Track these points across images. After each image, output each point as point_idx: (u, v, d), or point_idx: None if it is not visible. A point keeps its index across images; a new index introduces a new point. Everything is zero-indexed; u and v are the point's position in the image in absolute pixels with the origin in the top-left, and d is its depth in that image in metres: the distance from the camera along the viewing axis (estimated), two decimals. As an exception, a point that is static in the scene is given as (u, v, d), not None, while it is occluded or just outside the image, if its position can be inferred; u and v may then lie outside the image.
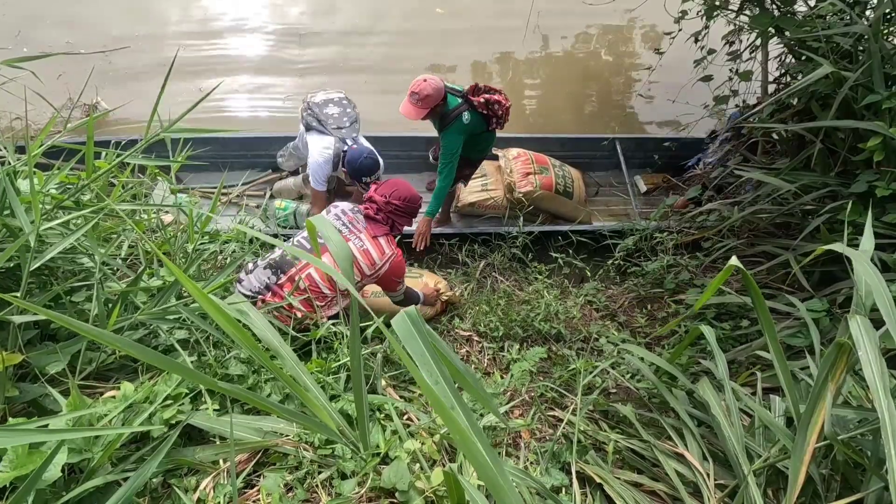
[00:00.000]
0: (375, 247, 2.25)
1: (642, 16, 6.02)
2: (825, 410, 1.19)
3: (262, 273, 2.16)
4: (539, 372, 2.52)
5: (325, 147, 2.99)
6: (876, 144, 2.09)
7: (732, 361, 2.36)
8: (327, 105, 3.06)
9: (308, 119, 3.07)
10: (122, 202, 1.38)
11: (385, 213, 2.31)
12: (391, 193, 2.30)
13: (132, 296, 1.37)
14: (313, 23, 5.76)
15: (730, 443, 1.41)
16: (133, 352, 0.82)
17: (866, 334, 1.14)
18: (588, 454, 1.85)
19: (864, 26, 2.30)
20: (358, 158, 2.92)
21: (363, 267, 2.23)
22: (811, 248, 2.37)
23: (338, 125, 3.04)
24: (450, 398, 0.78)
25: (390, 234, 2.34)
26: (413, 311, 0.88)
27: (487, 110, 3.03)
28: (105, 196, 1.36)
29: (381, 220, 2.30)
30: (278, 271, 2.15)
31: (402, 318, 0.85)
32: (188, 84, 4.90)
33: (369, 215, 2.30)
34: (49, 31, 5.15)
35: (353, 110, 3.15)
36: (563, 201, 3.76)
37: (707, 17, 3.13)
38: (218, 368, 1.42)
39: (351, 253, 2.06)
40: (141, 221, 1.46)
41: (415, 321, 0.83)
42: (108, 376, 1.38)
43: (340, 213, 2.30)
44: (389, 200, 2.29)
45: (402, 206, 2.32)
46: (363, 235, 2.24)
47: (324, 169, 3.02)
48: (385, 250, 2.27)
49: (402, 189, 2.34)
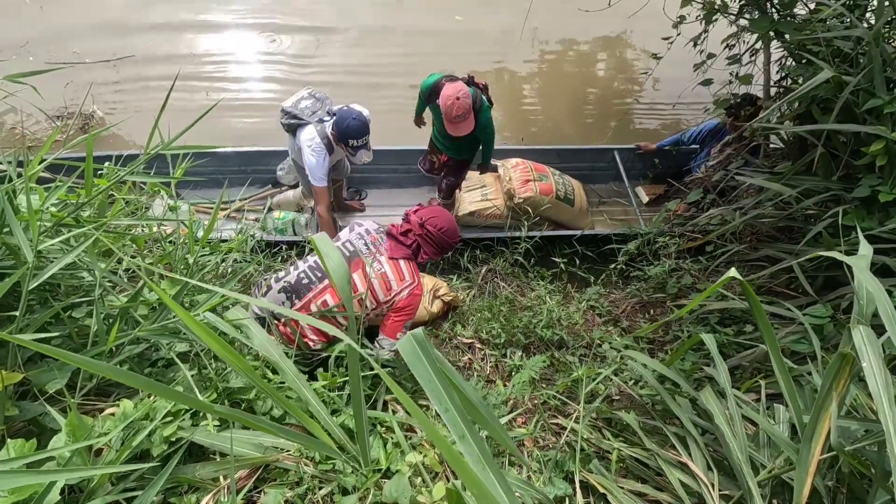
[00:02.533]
0: (395, 270, 2.04)
1: (640, 24, 6.04)
2: (829, 421, 1.18)
3: (277, 297, 2.01)
4: (542, 379, 2.51)
5: (310, 139, 2.92)
6: (879, 149, 2.08)
7: (737, 367, 2.34)
8: (299, 102, 3.03)
9: (287, 123, 3.03)
10: (121, 217, 1.38)
11: (415, 235, 2.10)
12: (430, 218, 2.11)
13: (132, 310, 1.37)
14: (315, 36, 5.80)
15: (734, 453, 1.40)
16: (120, 378, 0.82)
17: (869, 345, 1.13)
18: (591, 463, 1.84)
19: (864, 30, 2.29)
20: (345, 119, 2.79)
21: (378, 293, 2.01)
22: (814, 253, 2.35)
23: (313, 111, 2.99)
24: (460, 426, 0.76)
25: (412, 259, 2.12)
26: (420, 334, 0.85)
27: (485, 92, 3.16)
28: (105, 211, 1.36)
29: (407, 242, 2.10)
30: (293, 296, 1.99)
31: (409, 340, 0.82)
32: (192, 95, 4.94)
33: (392, 234, 2.10)
34: (56, 42, 5.17)
35: (324, 96, 3.10)
36: (564, 208, 3.75)
37: (706, 22, 3.12)
38: (219, 382, 1.42)
39: (352, 276, 1.94)
40: (139, 237, 1.46)
41: (422, 344, 0.80)
42: (109, 391, 1.38)
43: (364, 233, 2.12)
44: (425, 224, 2.09)
45: (436, 234, 2.11)
46: (383, 258, 2.04)
47: (320, 161, 2.93)
48: (405, 276, 2.04)
49: (443, 219, 2.14)
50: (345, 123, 2.80)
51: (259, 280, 2.18)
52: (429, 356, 0.78)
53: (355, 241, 2.08)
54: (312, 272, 2.02)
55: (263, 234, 3.37)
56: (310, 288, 1.98)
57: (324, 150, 2.92)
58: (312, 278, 2.00)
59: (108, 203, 1.30)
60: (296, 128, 3.01)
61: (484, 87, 3.19)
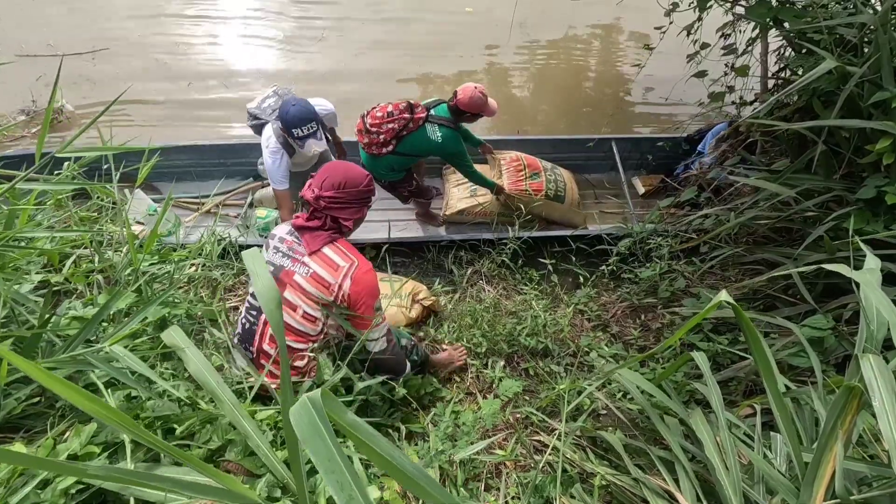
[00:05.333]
0: (323, 264, 1.68)
1: (633, 13, 5.89)
2: (834, 463, 1.03)
3: (242, 353, 1.79)
4: (525, 391, 2.36)
5: (267, 139, 2.75)
6: (885, 146, 1.92)
7: (732, 378, 2.20)
8: (264, 101, 2.88)
9: (252, 125, 2.89)
10: (32, 229, 1.21)
11: (321, 211, 1.71)
12: (322, 183, 1.69)
13: (48, 333, 1.21)
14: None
15: (726, 490, 1.25)
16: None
17: (881, 377, 0.97)
18: (574, 487, 1.70)
19: (870, 16, 2.12)
20: (286, 107, 2.56)
21: (320, 297, 1.68)
22: (814, 258, 2.20)
23: (273, 108, 2.82)
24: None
25: (337, 238, 1.75)
26: (317, 398, 0.65)
27: None
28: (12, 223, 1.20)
29: (318, 224, 1.72)
30: (248, 345, 1.76)
31: (305, 406, 0.63)
32: (172, 85, 4.77)
33: (300, 225, 1.74)
34: (30, 32, 4.99)
35: (286, 92, 2.94)
36: (553, 206, 3.61)
37: (700, 9, 2.95)
38: (145, 411, 1.27)
39: (284, 295, 1.68)
40: (50, 251, 1.30)
41: (318, 409, 0.61)
42: (20, 425, 1.22)
43: (278, 244, 1.77)
44: (320, 195, 1.68)
45: (338, 195, 1.68)
46: (305, 257, 1.69)
47: (277, 162, 2.75)
48: (337, 262, 1.68)
49: (336, 173, 1.70)
50: (285, 112, 2.56)
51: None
52: (328, 427, 0.60)
53: (272, 257, 1.75)
54: (249, 312, 1.77)
55: (241, 235, 3.21)
56: (253, 331, 1.74)
57: (281, 150, 2.74)
58: (251, 318, 1.76)
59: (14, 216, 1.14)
60: (260, 128, 2.85)
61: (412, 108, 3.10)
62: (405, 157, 3.14)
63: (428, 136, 3.05)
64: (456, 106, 3.03)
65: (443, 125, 3.05)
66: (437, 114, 3.08)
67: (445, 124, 3.06)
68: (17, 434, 1.20)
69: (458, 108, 3.03)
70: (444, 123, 3.06)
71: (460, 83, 3.14)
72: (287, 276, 1.69)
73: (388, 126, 2.98)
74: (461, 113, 3.05)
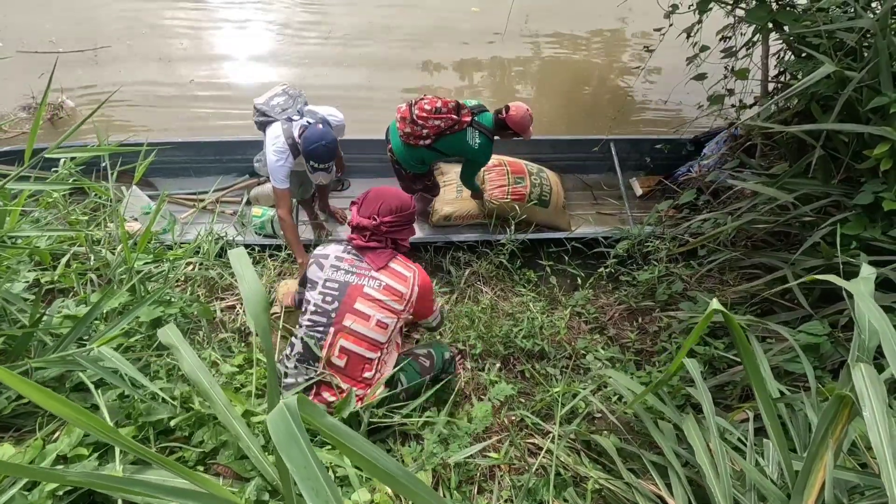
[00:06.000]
0: (392, 276, 1.88)
1: (634, 16, 5.88)
2: (824, 472, 1.02)
3: (295, 373, 1.87)
4: (521, 393, 2.36)
5: (275, 137, 2.76)
6: (883, 151, 1.91)
7: (728, 383, 2.20)
8: (272, 99, 2.87)
9: (258, 120, 2.88)
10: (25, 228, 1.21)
11: (381, 234, 1.92)
12: (378, 209, 1.91)
13: (39, 333, 1.21)
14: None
15: (717, 498, 1.25)
16: None
17: (871, 388, 0.97)
18: (567, 490, 1.70)
19: (869, 20, 2.11)
20: (315, 141, 2.61)
21: (393, 306, 1.86)
22: (811, 263, 2.19)
23: (283, 108, 2.83)
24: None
25: (396, 254, 1.97)
26: (293, 404, 0.65)
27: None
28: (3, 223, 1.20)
29: (380, 245, 1.93)
30: (309, 360, 1.85)
31: (282, 413, 0.63)
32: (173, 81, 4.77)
33: (361, 245, 1.91)
34: (31, 29, 4.99)
35: (297, 94, 2.94)
36: (536, 210, 3.61)
37: (700, 12, 2.93)
38: (137, 412, 1.26)
39: (355, 307, 1.83)
40: (42, 250, 1.30)
41: (294, 415, 0.61)
42: (11, 424, 1.22)
43: (337, 262, 1.92)
44: (381, 221, 1.89)
45: (395, 219, 1.91)
46: (373, 272, 1.88)
47: (281, 162, 2.76)
48: (404, 273, 1.90)
49: (388, 199, 1.93)
50: (312, 145, 2.62)
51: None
52: (304, 433, 0.59)
53: (334, 275, 1.89)
54: (313, 329, 1.85)
55: (237, 234, 3.20)
56: (321, 344, 1.83)
57: (287, 151, 2.74)
58: (317, 335, 1.84)
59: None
60: (266, 125, 2.84)
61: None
62: (438, 153, 3.20)
63: (467, 140, 3.09)
64: (504, 120, 3.06)
65: (483, 133, 3.10)
66: (482, 121, 3.11)
67: (485, 133, 3.11)
68: (6, 433, 1.20)
69: (506, 123, 3.06)
70: (484, 132, 3.10)
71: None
72: (356, 290, 1.85)
73: (435, 122, 3.02)
74: (505, 128, 3.09)
